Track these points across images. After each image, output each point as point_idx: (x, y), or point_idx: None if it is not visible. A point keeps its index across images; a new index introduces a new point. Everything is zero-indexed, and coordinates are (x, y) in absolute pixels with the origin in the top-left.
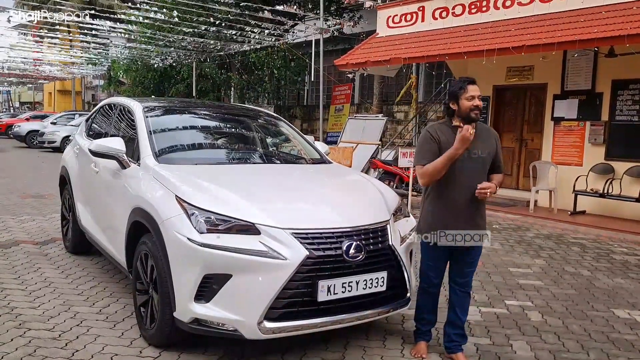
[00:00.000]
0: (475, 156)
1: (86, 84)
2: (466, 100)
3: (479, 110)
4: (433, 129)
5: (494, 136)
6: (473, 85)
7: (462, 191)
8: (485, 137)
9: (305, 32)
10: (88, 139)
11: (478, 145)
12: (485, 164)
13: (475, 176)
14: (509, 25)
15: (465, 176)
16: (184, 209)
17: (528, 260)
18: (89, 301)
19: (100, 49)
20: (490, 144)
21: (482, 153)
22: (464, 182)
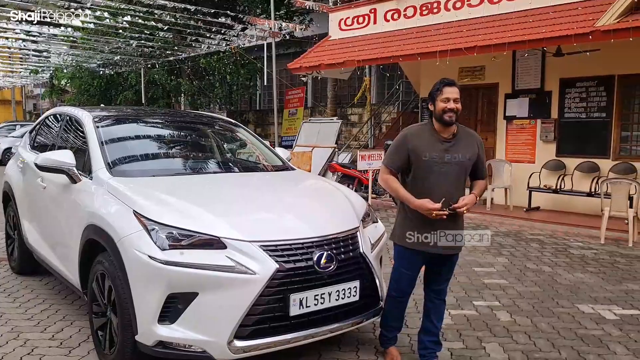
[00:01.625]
0: (455, 160)
1: (27, 93)
2: (441, 102)
3: (454, 113)
4: (410, 131)
5: (477, 141)
6: (450, 87)
7: (438, 196)
8: (468, 141)
9: (255, 37)
10: (33, 152)
11: (458, 149)
12: (464, 169)
13: (453, 181)
14: (461, 27)
15: (442, 181)
16: (143, 224)
17: (491, 259)
18: (40, 326)
19: (41, 57)
20: (472, 149)
21: (462, 157)
22: (440, 187)
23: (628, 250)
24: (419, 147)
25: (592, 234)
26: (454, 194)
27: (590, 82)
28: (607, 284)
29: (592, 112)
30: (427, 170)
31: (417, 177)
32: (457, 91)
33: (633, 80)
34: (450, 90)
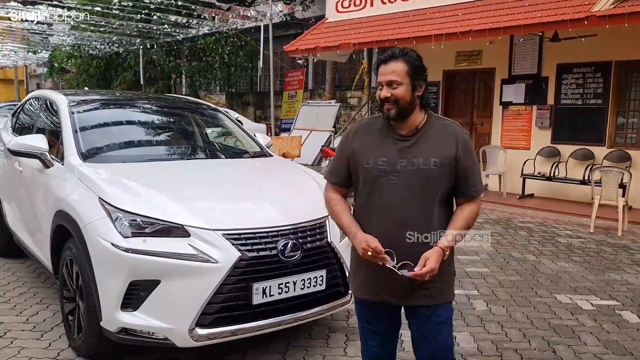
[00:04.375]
0: (413, 167)
1: (30, 72)
2: (379, 87)
3: (393, 105)
4: (360, 124)
5: (458, 139)
6: (385, 64)
7: (382, 227)
8: (440, 139)
9: (255, 17)
10: (13, 135)
11: (419, 151)
12: (431, 180)
13: (410, 201)
14: (457, 10)
15: (392, 201)
16: (107, 211)
17: (476, 247)
18: (16, 309)
19: (41, 36)
20: (445, 150)
21: (424, 163)
22: (388, 212)
23: (616, 240)
24: (361, 150)
25: (582, 222)
26: (414, 223)
27: (587, 68)
28: (589, 274)
29: (589, 98)
30: (372, 184)
31: (361, 195)
32: (394, 69)
33: (630, 66)
34: (384, 69)
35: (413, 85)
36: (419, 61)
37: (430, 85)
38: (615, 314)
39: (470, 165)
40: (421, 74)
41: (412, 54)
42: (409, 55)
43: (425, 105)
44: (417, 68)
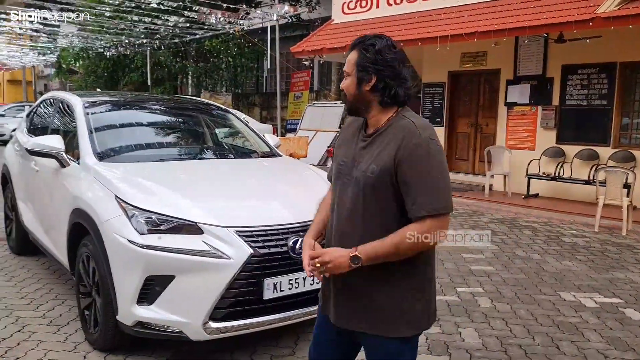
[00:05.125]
0: (357, 173)
1: (38, 73)
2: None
3: (345, 97)
4: (344, 125)
5: (403, 140)
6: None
7: (336, 232)
8: (388, 140)
9: (261, 18)
10: (29, 136)
11: (366, 155)
12: (369, 191)
13: (348, 210)
14: (462, 12)
15: (339, 206)
16: (123, 209)
17: (481, 246)
18: (33, 305)
19: (49, 37)
20: (385, 155)
21: (362, 169)
22: (339, 218)
23: (620, 239)
24: (336, 148)
25: (587, 222)
26: (355, 238)
27: (592, 69)
28: (594, 272)
29: (594, 99)
30: (333, 185)
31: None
32: (348, 59)
33: (635, 67)
34: (347, 58)
35: (359, 78)
36: (371, 52)
37: (435, 86)
38: (618, 312)
39: (414, 176)
40: (369, 67)
41: (369, 42)
42: (363, 44)
43: (396, 103)
44: (366, 59)
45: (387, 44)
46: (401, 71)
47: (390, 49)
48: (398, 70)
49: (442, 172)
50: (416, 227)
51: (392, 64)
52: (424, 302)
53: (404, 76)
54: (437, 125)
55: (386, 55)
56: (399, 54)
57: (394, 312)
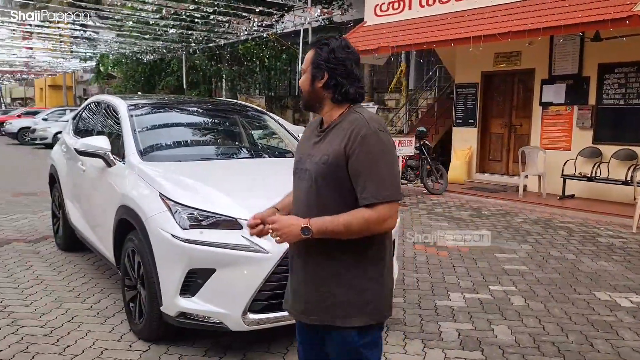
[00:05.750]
0: (309, 165)
1: (77, 79)
2: None
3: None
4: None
5: (352, 131)
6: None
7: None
8: (338, 134)
9: (294, 22)
10: (75, 137)
11: (318, 148)
12: (318, 181)
13: (303, 201)
14: (496, 12)
15: (297, 201)
16: (167, 206)
17: (514, 246)
18: (80, 297)
19: (89, 43)
20: (335, 146)
21: (314, 161)
22: (297, 210)
23: None
24: (298, 145)
25: (625, 223)
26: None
27: (630, 68)
28: (630, 273)
29: (631, 98)
30: (293, 182)
31: None
32: (306, 57)
33: None
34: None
35: (312, 75)
36: (325, 50)
37: (468, 87)
38: None
39: (362, 165)
40: (322, 64)
41: (323, 42)
42: (320, 43)
43: (348, 100)
44: (319, 57)
45: (340, 44)
46: (353, 70)
47: (344, 49)
48: (350, 70)
49: (390, 162)
50: (367, 212)
51: (344, 63)
52: (374, 292)
53: (356, 76)
54: (469, 126)
55: (338, 55)
56: (353, 54)
57: (345, 302)
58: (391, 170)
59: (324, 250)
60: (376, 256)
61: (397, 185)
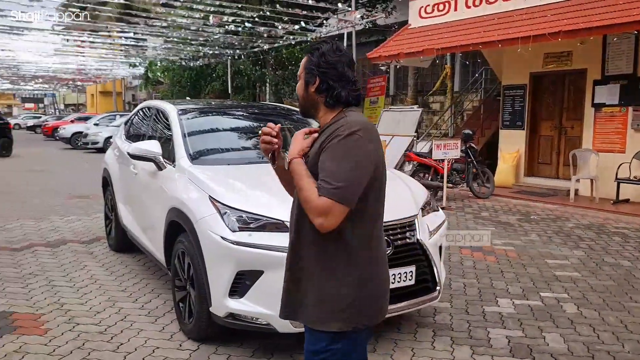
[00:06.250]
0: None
1: (126, 85)
2: None
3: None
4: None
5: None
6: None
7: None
8: (320, 138)
9: (338, 26)
10: (127, 142)
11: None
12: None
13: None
14: (545, 11)
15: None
16: (217, 208)
17: (566, 252)
18: (132, 297)
19: (137, 50)
20: (317, 144)
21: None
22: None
23: None
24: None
25: None
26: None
27: None
28: None
29: None
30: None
31: None
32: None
33: None
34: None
35: (306, 81)
36: (316, 55)
37: (516, 89)
38: None
39: (326, 159)
40: (314, 69)
41: (315, 47)
42: (313, 48)
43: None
44: (311, 62)
45: (331, 48)
46: (345, 73)
47: (335, 52)
48: (341, 72)
49: (351, 163)
50: (313, 195)
51: (335, 66)
52: (350, 298)
53: (348, 78)
54: (517, 128)
55: (329, 58)
56: (344, 57)
57: (319, 305)
58: (348, 171)
59: (306, 254)
60: (353, 262)
61: (347, 188)
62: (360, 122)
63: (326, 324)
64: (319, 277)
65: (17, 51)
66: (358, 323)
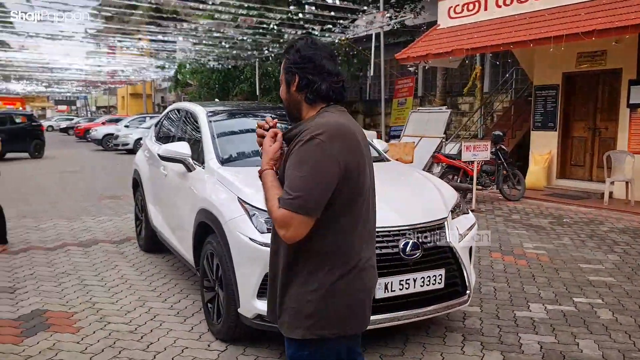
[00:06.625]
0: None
1: (155, 87)
2: None
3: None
4: None
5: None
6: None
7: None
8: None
9: (366, 27)
10: (157, 143)
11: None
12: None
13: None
14: (578, 10)
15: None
16: (245, 210)
17: (600, 256)
18: (162, 297)
19: (167, 53)
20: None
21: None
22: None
23: None
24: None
25: None
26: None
27: None
28: None
29: None
30: None
31: None
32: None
33: None
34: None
35: (286, 81)
36: (292, 53)
37: (548, 89)
38: None
39: (288, 167)
40: (292, 67)
41: (289, 46)
42: (288, 48)
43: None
44: (288, 61)
45: (306, 43)
46: (323, 65)
47: (310, 46)
48: (319, 65)
49: (306, 171)
50: (274, 206)
51: (312, 59)
52: (316, 306)
53: (328, 70)
54: (549, 129)
55: (304, 53)
56: (321, 49)
57: (288, 312)
58: (306, 179)
59: (280, 261)
60: (321, 270)
61: (305, 197)
62: (326, 124)
63: (290, 331)
64: (286, 284)
65: (51, 55)
66: (325, 332)
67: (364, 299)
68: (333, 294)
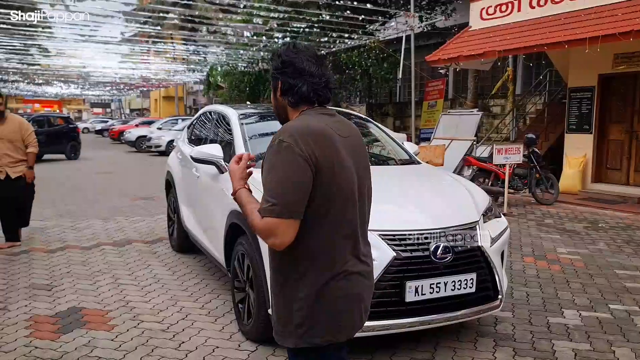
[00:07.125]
0: None
1: (187, 90)
2: None
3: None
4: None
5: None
6: None
7: None
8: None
9: (396, 29)
10: (189, 146)
11: None
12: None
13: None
14: (615, 10)
15: None
16: None
17: (638, 262)
18: (193, 297)
19: (199, 56)
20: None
21: None
22: None
23: None
24: None
25: None
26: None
27: None
28: None
29: None
30: None
31: None
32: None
33: None
34: None
35: (273, 88)
36: (275, 59)
37: (583, 91)
38: None
39: (263, 174)
40: (275, 73)
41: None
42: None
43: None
44: (272, 68)
45: (287, 48)
46: (304, 67)
47: (291, 50)
48: (300, 67)
49: (278, 176)
50: (256, 218)
51: (293, 63)
52: (307, 314)
53: (310, 72)
54: (584, 132)
55: (285, 57)
56: (302, 52)
57: (280, 320)
58: (280, 183)
59: (272, 266)
60: (306, 276)
61: (283, 201)
62: (293, 127)
63: (283, 340)
64: (274, 293)
65: (87, 58)
66: (316, 339)
67: (353, 304)
68: (321, 300)
